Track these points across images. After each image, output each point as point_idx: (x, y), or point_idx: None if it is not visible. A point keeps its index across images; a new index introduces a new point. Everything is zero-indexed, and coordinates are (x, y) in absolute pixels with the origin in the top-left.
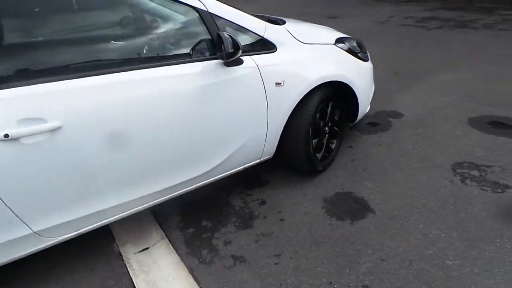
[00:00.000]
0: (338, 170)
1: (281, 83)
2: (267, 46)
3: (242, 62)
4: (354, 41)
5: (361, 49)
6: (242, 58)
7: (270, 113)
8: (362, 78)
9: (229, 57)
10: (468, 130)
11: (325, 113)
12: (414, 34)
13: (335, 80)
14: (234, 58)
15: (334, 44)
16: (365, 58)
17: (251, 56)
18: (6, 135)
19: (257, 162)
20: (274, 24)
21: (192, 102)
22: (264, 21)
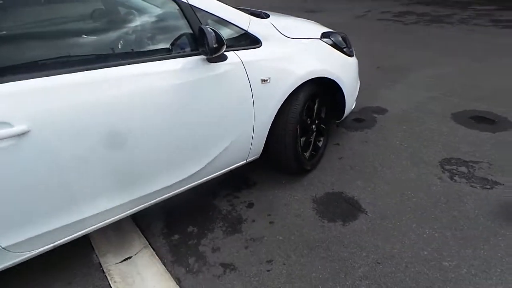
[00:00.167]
0: (326, 169)
1: (267, 80)
2: (252, 41)
3: (226, 58)
4: (339, 35)
5: (346, 44)
6: (225, 53)
7: (256, 111)
8: (348, 73)
9: (212, 52)
10: (453, 126)
11: (311, 110)
12: (392, 29)
13: (322, 76)
14: (218, 54)
15: (320, 38)
16: (350, 53)
17: (235, 51)
18: None
19: (244, 163)
20: (258, 18)
21: (173, 102)
22: (247, 14)
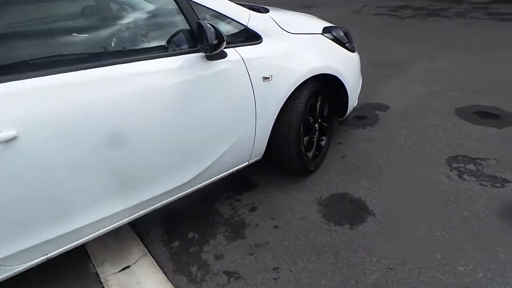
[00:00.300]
0: (330, 169)
1: (269, 78)
2: (252, 37)
3: (226, 55)
4: (341, 30)
5: (348, 39)
6: (225, 50)
7: (258, 110)
8: (351, 69)
9: (212, 49)
10: (456, 121)
11: (314, 108)
12: (389, 23)
13: (325, 72)
14: (218, 50)
15: (321, 34)
16: (352, 49)
17: (235, 48)
18: None
19: (245, 165)
20: (257, 12)
21: (170, 103)
22: (246, 9)
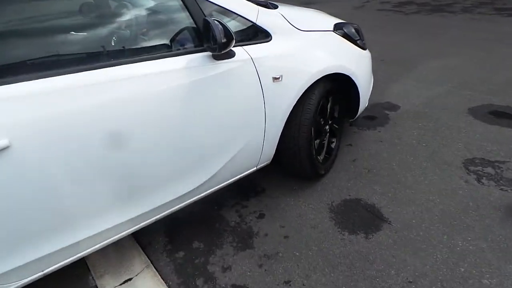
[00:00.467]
0: (340, 172)
1: (279, 78)
2: (261, 35)
3: (234, 54)
4: (352, 27)
5: (359, 36)
6: (233, 49)
7: (268, 112)
8: (363, 68)
9: (221, 49)
10: (471, 122)
11: (325, 109)
12: (393, 19)
13: (338, 72)
14: (227, 50)
15: (333, 31)
16: (363, 46)
17: (243, 46)
18: None
19: (254, 170)
20: (266, 8)
21: (175, 106)
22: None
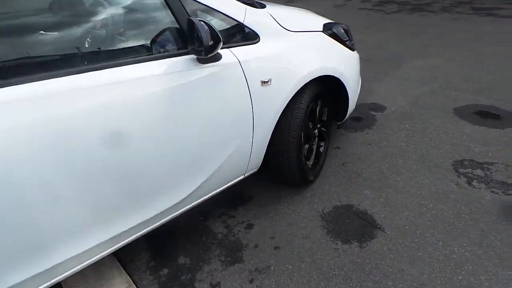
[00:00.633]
0: (330, 177)
1: (267, 82)
2: (249, 36)
3: (220, 57)
4: (341, 27)
5: (348, 36)
6: (219, 51)
7: (256, 118)
8: (352, 70)
9: (207, 52)
10: (457, 122)
11: (314, 113)
12: (375, 18)
13: (327, 74)
14: (213, 53)
15: (322, 31)
16: (352, 47)
17: (230, 48)
18: None
19: (241, 179)
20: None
21: (157, 115)
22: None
